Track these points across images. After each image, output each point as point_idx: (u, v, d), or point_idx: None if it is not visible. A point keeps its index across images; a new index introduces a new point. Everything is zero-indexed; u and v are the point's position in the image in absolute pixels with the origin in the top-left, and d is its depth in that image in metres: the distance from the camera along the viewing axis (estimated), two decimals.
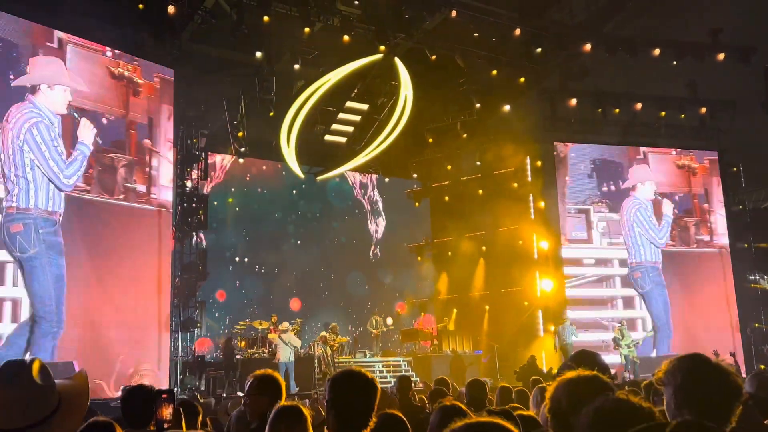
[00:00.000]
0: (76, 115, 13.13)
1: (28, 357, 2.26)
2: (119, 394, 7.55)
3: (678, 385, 2.34)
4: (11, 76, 12.58)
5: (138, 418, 3.74)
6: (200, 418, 4.73)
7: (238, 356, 17.19)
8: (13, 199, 12.16)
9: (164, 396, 3.04)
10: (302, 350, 17.96)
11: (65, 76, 13.10)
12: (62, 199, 12.84)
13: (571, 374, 2.36)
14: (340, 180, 23.60)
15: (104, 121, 14.04)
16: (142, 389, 3.90)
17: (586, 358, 3.12)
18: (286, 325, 17.38)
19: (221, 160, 21.65)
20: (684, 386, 2.31)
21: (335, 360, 17.76)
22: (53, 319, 12.29)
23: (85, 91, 13.59)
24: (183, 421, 4.09)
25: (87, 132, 13.22)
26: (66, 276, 12.63)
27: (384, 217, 25.76)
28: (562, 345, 17.16)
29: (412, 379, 8.30)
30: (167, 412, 3.02)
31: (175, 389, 14.61)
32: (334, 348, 18.14)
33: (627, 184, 20.30)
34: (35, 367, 2.12)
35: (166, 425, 2.99)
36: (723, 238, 20.95)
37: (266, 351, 17.56)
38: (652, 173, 20.52)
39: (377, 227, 25.67)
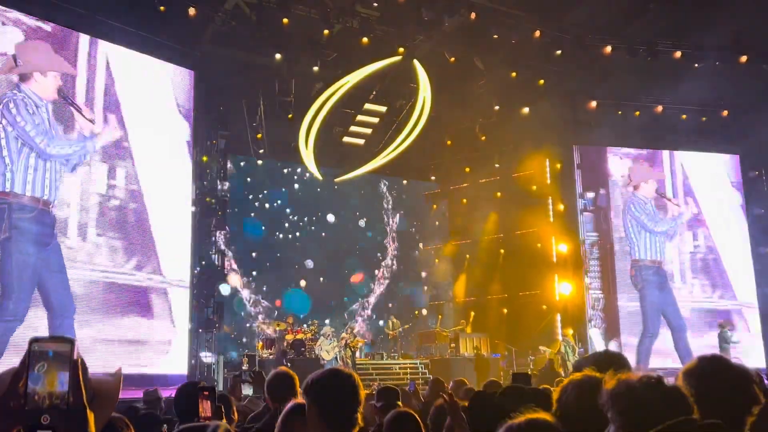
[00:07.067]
0: (66, 99, 12.66)
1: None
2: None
3: (692, 389, 2.29)
4: None
5: (187, 412, 3.76)
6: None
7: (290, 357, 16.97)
8: None
9: (205, 393, 2.99)
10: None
11: (56, 61, 12.68)
12: (48, 185, 12.18)
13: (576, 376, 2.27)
14: (362, 181, 23.47)
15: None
16: (192, 385, 3.96)
17: (607, 359, 2.77)
18: (328, 330, 17.71)
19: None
20: (698, 391, 2.26)
21: (355, 362, 17.73)
22: (11, 310, 11.44)
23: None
24: (224, 418, 4.17)
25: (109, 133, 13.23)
26: (44, 267, 11.92)
27: (400, 218, 25.67)
28: (723, 348, 16.77)
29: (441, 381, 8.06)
30: (206, 407, 2.96)
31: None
32: (355, 349, 18.11)
33: (628, 185, 19.64)
34: None
35: (204, 421, 2.94)
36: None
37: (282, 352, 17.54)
38: (654, 172, 19.88)
39: (394, 228, 25.58)
